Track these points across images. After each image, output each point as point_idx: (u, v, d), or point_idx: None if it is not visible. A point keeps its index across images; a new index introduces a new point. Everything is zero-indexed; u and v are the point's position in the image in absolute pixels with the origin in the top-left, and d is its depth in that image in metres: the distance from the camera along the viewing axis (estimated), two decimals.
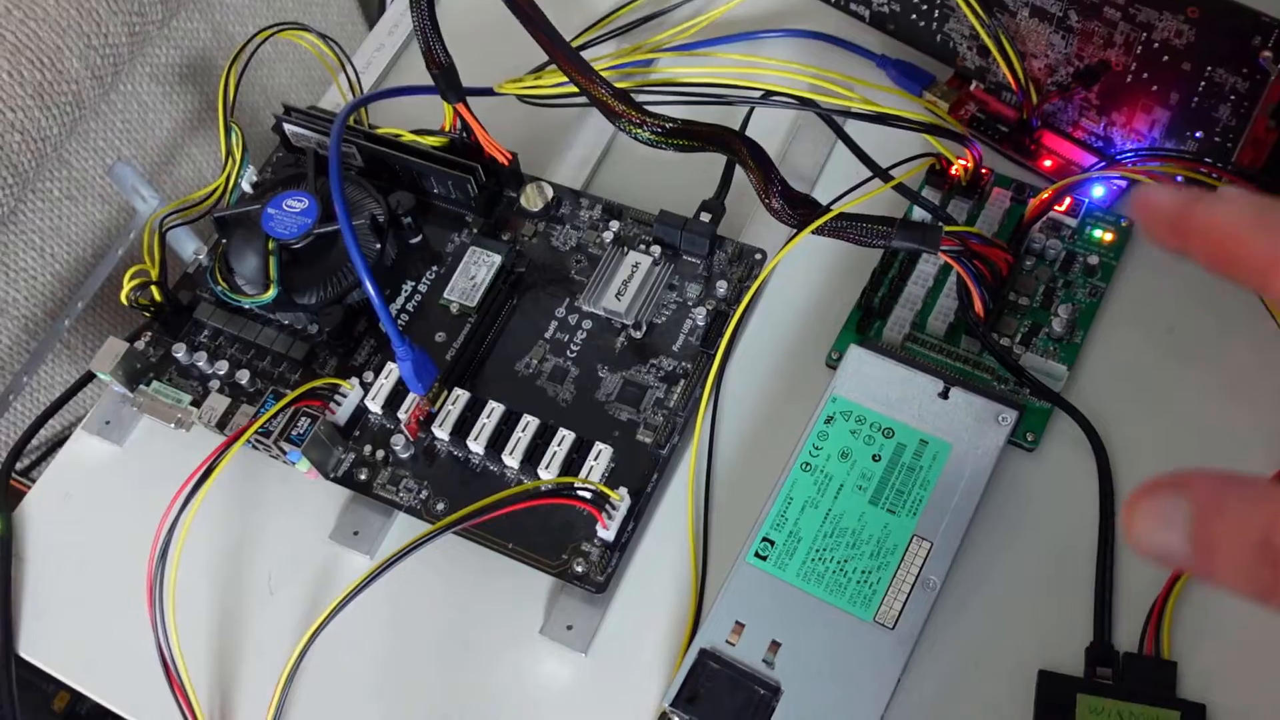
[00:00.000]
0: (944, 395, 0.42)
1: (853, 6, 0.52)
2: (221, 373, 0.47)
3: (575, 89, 0.41)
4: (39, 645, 0.45)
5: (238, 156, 0.49)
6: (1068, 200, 0.46)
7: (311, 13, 0.88)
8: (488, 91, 0.48)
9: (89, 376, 0.48)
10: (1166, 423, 0.42)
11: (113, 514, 0.47)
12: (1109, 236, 0.46)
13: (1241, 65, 0.40)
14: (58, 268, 0.67)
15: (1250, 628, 0.38)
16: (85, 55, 0.67)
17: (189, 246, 0.50)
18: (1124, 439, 0.42)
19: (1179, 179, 0.44)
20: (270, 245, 0.45)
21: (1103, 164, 0.46)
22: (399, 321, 0.47)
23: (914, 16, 0.50)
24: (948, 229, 0.42)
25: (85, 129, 0.68)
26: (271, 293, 0.44)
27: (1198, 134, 0.44)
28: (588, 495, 0.40)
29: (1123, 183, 0.46)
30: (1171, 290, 0.45)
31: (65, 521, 0.47)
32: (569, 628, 0.41)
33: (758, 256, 0.47)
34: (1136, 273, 0.46)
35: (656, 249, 0.47)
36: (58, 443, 0.73)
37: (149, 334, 0.48)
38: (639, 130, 0.39)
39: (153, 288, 0.46)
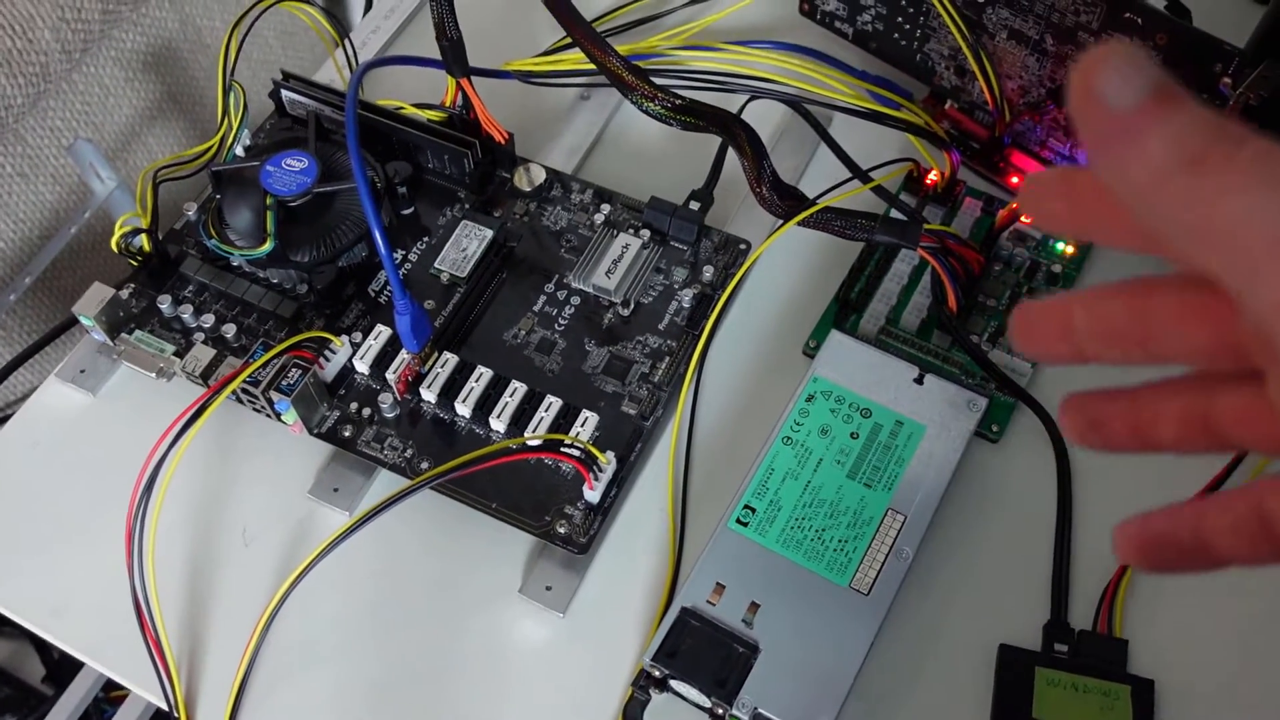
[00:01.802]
0: (919, 381, 0.44)
1: (837, 24, 0.55)
2: (206, 326, 0.47)
3: (578, 67, 0.42)
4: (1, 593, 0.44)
5: (235, 119, 0.50)
6: None
7: (280, 12, 0.88)
8: (493, 71, 0.49)
9: (69, 322, 0.48)
10: None
11: (84, 463, 0.46)
12: (1071, 250, 0.49)
13: (1203, 91, 0.43)
14: (1, 245, 0.66)
15: (1197, 609, 0.41)
16: (57, 28, 0.67)
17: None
18: None
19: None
20: (269, 200, 0.45)
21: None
22: (389, 289, 0.48)
23: (896, 36, 0.53)
24: (928, 227, 0.44)
25: (44, 106, 0.68)
26: (268, 246, 0.45)
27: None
28: (576, 453, 0.41)
29: None
30: None
31: (31, 470, 0.46)
32: (548, 588, 0.42)
33: (742, 246, 0.49)
34: (1096, 282, 0.48)
35: (646, 233, 0.49)
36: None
37: (133, 285, 0.48)
38: (650, 104, 0.41)
39: (143, 236, 0.46)
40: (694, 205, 0.49)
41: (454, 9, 0.45)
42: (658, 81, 0.42)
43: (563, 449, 0.41)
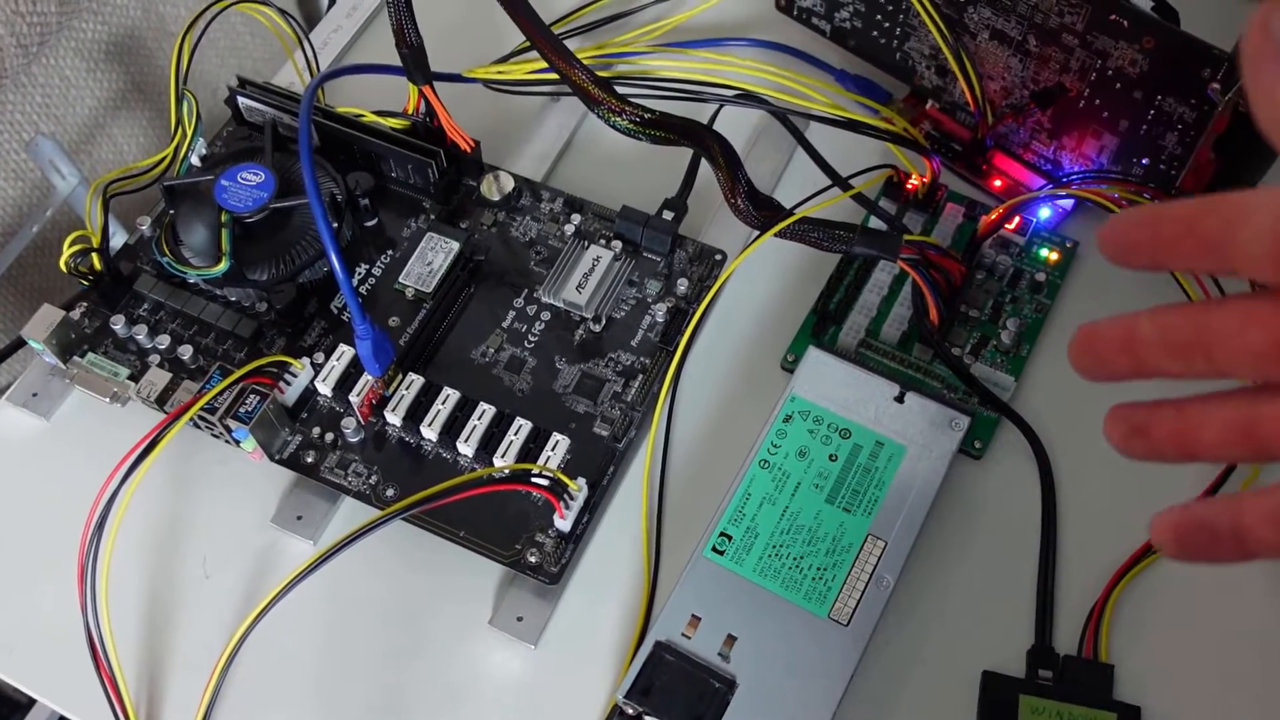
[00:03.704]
0: (899, 399, 0.42)
1: (814, 21, 0.53)
2: (162, 347, 0.45)
3: (545, 77, 0.41)
4: None
5: (189, 128, 0.48)
6: (1017, 219, 0.47)
7: None
8: (456, 77, 0.47)
9: (18, 343, 0.46)
10: None
11: (37, 491, 0.44)
12: (1055, 256, 0.48)
13: (1190, 96, 0.42)
14: None
15: (1185, 633, 0.40)
16: (12, 22, 0.64)
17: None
18: (1066, 449, 0.43)
19: (1124, 203, 0.46)
20: (223, 217, 0.44)
21: (1051, 185, 0.48)
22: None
23: (875, 33, 0.51)
24: (907, 238, 0.43)
25: (2, 100, 0.65)
26: (223, 265, 0.43)
27: (1144, 160, 0.45)
28: (545, 482, 0.39)
29: (1069, 204, 0.48)
30: (1112, 309, 0.46)
31: None
32: (519, 619, 0.41)
33: (718, 257, 0.47)
34: (1080, 291, 0.47)
35: (618, 244, 0.47)
36: None
37: (85, 304, 0.46)
38: (617, 118, 0.39)
39: (93, 255, 0.45)
40: (667, 215, 0.47)
41: (413, 14, 0.43)
42: (627, 89, 0.40)
43: (532, 479, 0.39)
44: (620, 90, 0.41)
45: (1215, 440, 0.25)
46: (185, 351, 0.45)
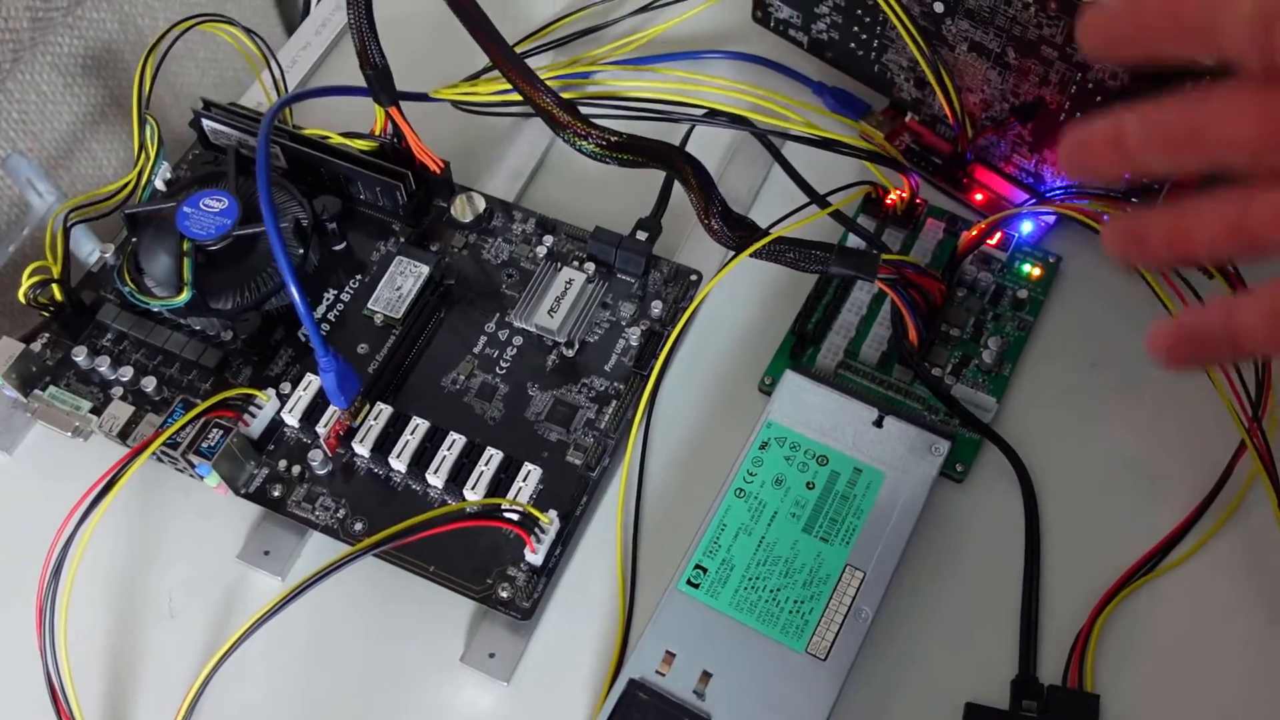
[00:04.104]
0: (878, 424, 0.42)
1: (791, 33, 0.52)
2: (125, 379, 0.44)
3: (513, 98, 0.40)
4: None
5: (152, 152, 0.47)
6: (998, 235, 0.46)
7: (226, 10, 0.85)
8: (422, 97, 0.46)
9: None
10: (1091, 455, 0.43)
11: None
12: (1037, 272, 0.47)
13: None
14: None
15: (1172, 660, 0.39)
16: None
17: (85, 247, 0.47)
18: (1050, 471, 0.43)
19: (1105, 217, 0.45)
20: (185, 246, 0.43)
21: (1033, 200, 0.47)
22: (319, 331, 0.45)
23: (852, 45, 0.50)
24: (885, 257, 0.42)
25: None
26: (185, 296, 0.42)
27: (1126, 174, 0.44)
28: (515, 517, 0.38)
29: (1051, 219, 0.47)
30: (1096, 326, 0.46)
31: None
32: (491, 655, 0.40)
33: (693, 278, 0.46)
34: (1063, 308, 0.46)
35: (590, 266, 0.46)
36: None
37: (46, 335, 0.45)
38: (583, 142, 0.38)
39: (54, 286, 0.44)
40: (641, 235, 0.46)
41: (377, 35, 0.42)
42: (597, 110, 0.39)
43: (502, 514, 0.38)
44: (590, 111, 0.40)
45: (1208, 237, 0.25)
46: (149, 383, 0.44)
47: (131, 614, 0.42)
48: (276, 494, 0.42)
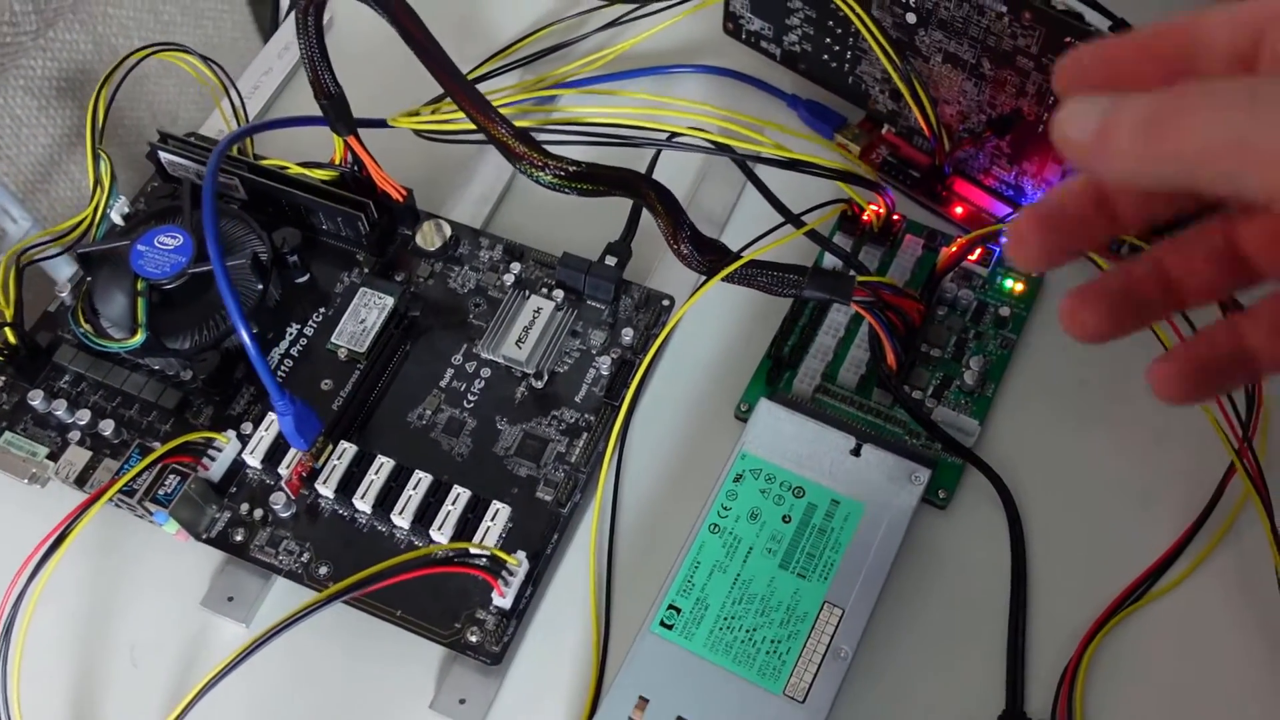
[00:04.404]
0: (856, 453, 0.40)
1: (763, 44, 0.51)
2: (82, 423, 0.43)
3: (470, 125, 0.38)
4: None
5: (106, 187, 0.45)
6: (979, 250, 0.45)
7: (203, 25, 0.83)
8: (381, 123, 0.45)
9: None
10: (1078, 478, 0.42)
11: None
12: (1020, 287, 0.45)
13: None
14: None
15: (1164, 691, 0.38)
16: None
17: (64, 272, 0.46)
18: (1035, 495, 0.41)
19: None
20: (139, 285, 0.41)
21: (1014, 215, 0.45)
22: (282, 368, 0.44)
23: (825, 57, 0.49)
24: (860, 279, 0.41)
25: None
26: (138, 338, 0.41)
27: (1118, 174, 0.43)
28: (482, 562, 0.37)
29: None
30: (1081, 343, 0.44)
31: None
32: (462, 701, 0.39)
33: (665, 303, 0.45)
34: (1048, 324, 0.45)
35: (559, 293, 0.45)
36: None
37: (1, 379, 0.44)
38: (540, 173, 0.37)
39: (6, 329, 0.42)
40: (610, 260, 0.45)
41: (330, 63, 0.41)
42: (562, 136, 0.38)
43: (469, 559, 0.37)
44: (552, 138, 0.39)
45: (1203, 280, 0.25)
46: (107, 426, 0.42)
47: (92, 664, 0.41)
48: (239, 538, 0.41)
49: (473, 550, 0.38)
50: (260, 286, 0.43)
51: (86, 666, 0.40)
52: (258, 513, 0.41)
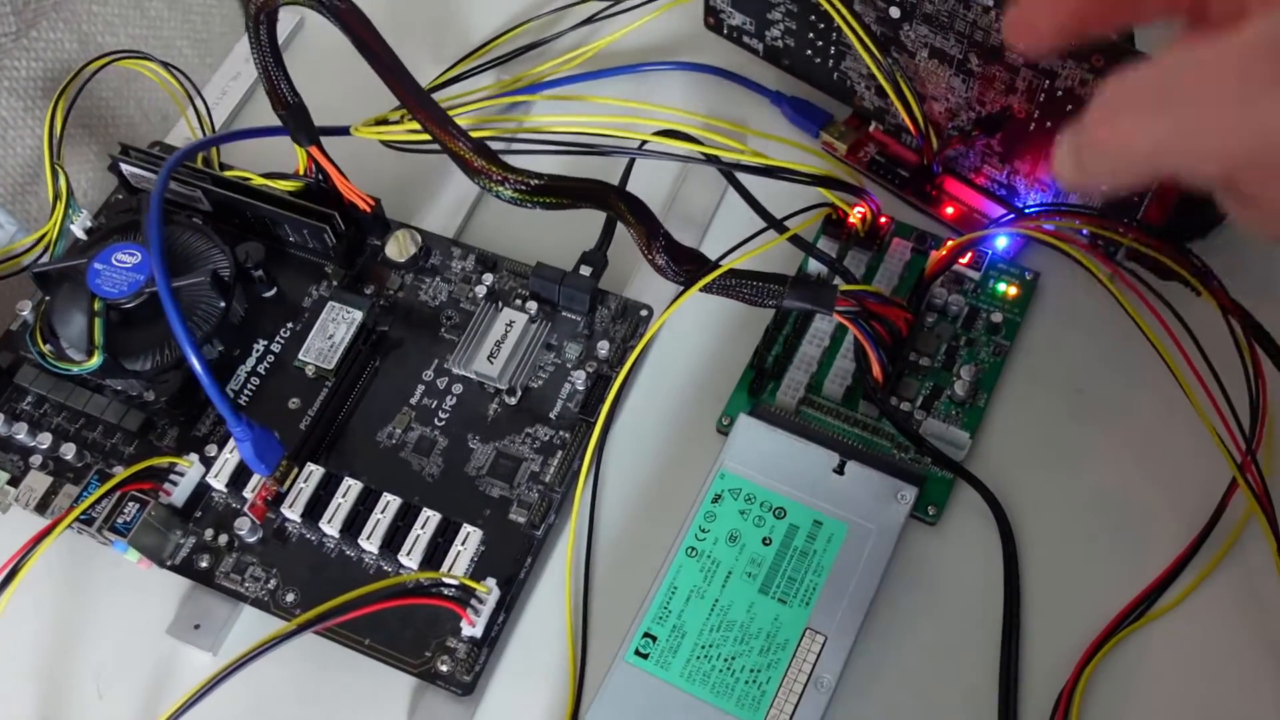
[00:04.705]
0: (840, 470, 0.39)
1: (746, 40, 0.49)
2: (44, 446, 0.41)
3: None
4: None
5: (63, 202, 0.44)
6: (969, 253, 0.43)
7: (191, 20, 0.82)
8: (344, 131, 0.43)
9: None
10: (1074, 492, 0.40)
11: None
12: (1013, 290, 0.43)
13: None
14: None
15: (1164, 717, 0.36)
16: None
17: (27, 289, 0.45)
18: (1029, 511, 0.40)
19: (1084, 233, 0.42)
20: (96, 305, 0.40)
21: (1007, 218, 0.43)
22: (249, 387, 0.43)
23: (809, 53, 0.47)
24: (843, 288, 0.39)
25: None
26: (95, 361, 0.40)
27: (1103, 187, 0.41)
28: (451, 591, 0.36)
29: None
30: (1079, 348, 0.43)
31: None
32: None
33: (643, 313, 0.44)
34: (1042, 329, 0.43)
35: (533, 305, 0.43)
36: None
37: None
38: (500, 188, 0.35)
39: None
40: (586, 269, 0.43)
41: (285, 70, 0.40)
42: (536, 148, 0.36)
43: (437, 590, 0.36)
44: (523, 149, 0.37)
45: None
46: (68, 450, 0.41)
47: (57, 695, 0.39)
48: (204, 565, 0.40)
49: (442, 579, 0.36)
50: (222, 304, 0.42)
51: (51, 695, 0.39)
52: (223, 538, 0.40)
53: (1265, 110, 0.18)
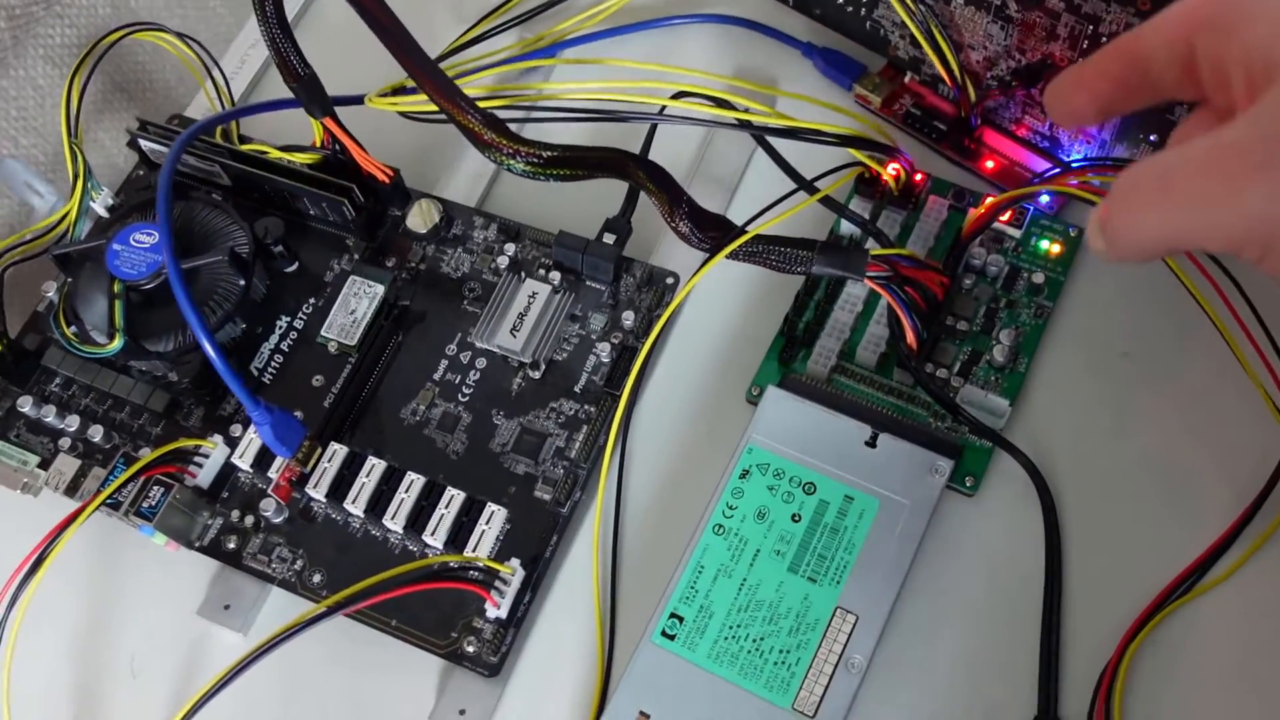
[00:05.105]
0: (872, 443, 0.37)
1: None
2: (72, 429, 0.42)
3: None
4: None
5: (81, 183, 0.44)
6: (1010, 210, 0.41)
7: None
8: (358, 101, 0.42)
9: None
10: (1119, 461, 0.38)
11: None
12: (1056, 248, 0.41)
13: None
14: None
15: (1211, 696, 0.35)
16: None
17: (51, 270, 0.45)
18: (1072, 481, 0.38)
19: None
20: (116, 287, 0.40)
21: (1051, 171, 0.41)
22: (273, 364, 0.42)
23: (840, 1, 0.45)
24: (874, 253, 0.37)
25: None
26: (116, 344, 0.39)
27: (1152, 137, 0.39)
28: (475, 574, 0.35)
29: (1073, 181, 0.42)
30: (1127, 309, 0.41)
31: None
32: (461, 713, 0.37)
33: (669, 281, 0.42)
34: (1087, 290, 0.41)
35: (556, 275, 0.42)
36: None
37: None
38: (513, 161, 0.34)
39: None
40: (609, 237, 0.42)
41: (294, 41, 0.38)
42: (542, 119, 0.35)
43: (461, 573, 0.35)
44: (541, 119, 0.36)
45: None
46: (96, 432, 0.41)
47: (93, 674, 0.40)
48: (231, 546, 0.40)
49: (466, 561, 0.36)
50: (242, 282, 0.41)
51: (88, 674, 0.40)
52: (249, 519, 0.40)
53: (1251, 196, 0.21)
